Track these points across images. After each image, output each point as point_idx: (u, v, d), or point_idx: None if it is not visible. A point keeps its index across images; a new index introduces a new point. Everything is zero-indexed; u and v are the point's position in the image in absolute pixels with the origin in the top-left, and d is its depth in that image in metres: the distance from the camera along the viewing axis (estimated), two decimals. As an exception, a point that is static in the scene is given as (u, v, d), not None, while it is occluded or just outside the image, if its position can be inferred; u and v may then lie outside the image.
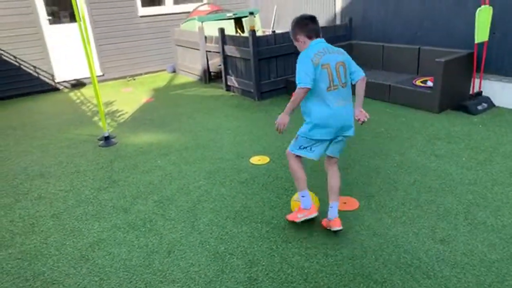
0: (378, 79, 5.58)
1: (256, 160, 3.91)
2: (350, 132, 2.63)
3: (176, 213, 3.05)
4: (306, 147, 2.62)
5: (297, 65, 2.47)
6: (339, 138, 2.61)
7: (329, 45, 2.54)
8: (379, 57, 6.12)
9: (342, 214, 2.88)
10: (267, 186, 3.38)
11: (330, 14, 7.55)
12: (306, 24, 2.52)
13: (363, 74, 2.64)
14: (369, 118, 2.76)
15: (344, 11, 7.19)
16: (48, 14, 7.20)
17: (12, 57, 6.95)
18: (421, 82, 5.25)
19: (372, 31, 6.69)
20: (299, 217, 2.65)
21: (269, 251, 2.54)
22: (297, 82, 2.43)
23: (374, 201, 3.04)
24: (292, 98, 2.49)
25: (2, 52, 6.84)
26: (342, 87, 2.51)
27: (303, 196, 2.66)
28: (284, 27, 8.53)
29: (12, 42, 6.88)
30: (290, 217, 2.75)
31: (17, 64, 7.03)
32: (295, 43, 2.61)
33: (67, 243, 2.75)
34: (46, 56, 7.27)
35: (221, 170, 3.72)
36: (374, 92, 5.55)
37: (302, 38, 2.52)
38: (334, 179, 2.73)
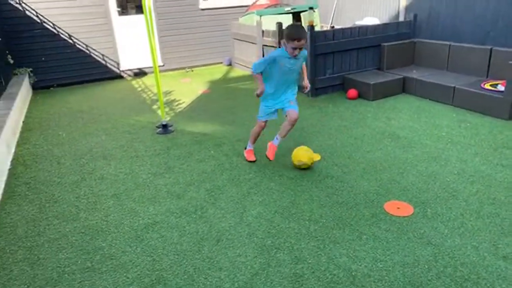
0: (442, 81, 5.27)
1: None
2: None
3: (226, 203, 3.13)
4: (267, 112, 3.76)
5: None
6: None
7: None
8: (445, 57, 5.76)
9: (395, 219, 2.78)
10: (317, 184, 3.34)
11: (393, 10, 7.22)
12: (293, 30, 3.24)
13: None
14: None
15: (409, 7, 6.85)
16: (118, 6, 7.64)
17: (84, 45, 7.49)
18: (491, 85, 4.87)
19: (439, 29, 6.31)
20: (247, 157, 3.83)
21: (316, 249, 2.52)
22: (254, 69, 3.44)
23: (430, 209, 2.90)
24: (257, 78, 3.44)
25: (76, 40, 7.40)
26: None
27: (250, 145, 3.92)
28: (344, 22, 8.31)
29: (85, 31, 7.41)
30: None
31: (88, 52, 7.57)
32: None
33: (125, 222, 2.94)
34: (114, 46, 7.74)
35: (270, 164, 3.75)
36: (437, 94, 5.26)
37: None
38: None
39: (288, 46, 3.22)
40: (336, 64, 5.95)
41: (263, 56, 7.16)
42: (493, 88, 4.77)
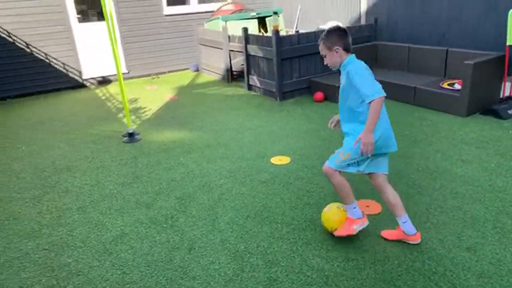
0: (403, 81, 5.47)
1: (276, 160, 3.90)
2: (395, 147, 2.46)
3: (197, 211, 3.08)
4: (353, 163, 2.43)
5: (359, 78, 2.26)
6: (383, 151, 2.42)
7: None
8: (405, 58, 5.99)
9: (364, 217, 2.83)
10: (287, 187, 3.37)
11: (354, 14, 7.45)
12: (345, 36, 2.35)
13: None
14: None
15: (369, 11, 7.08)
16: (78, 13, 7.40)
17: (42, 54, 7.19)
18: (448, 85, 5.11)
19: (398, 32, 6.56)
20: (355, 228, 2.48)
21: (289, 252, 2.53)
22: (369, 94, 2.20)
23: (397, 206, 2.98)
24: (373, 113, 2.22)
25: (33, 49, 7.08)
26: None
27: (354, 208, 2.52)
28: (308, 27, 8.47)
29: (43, 39, 7.11)
30: (342, 232, 2.51)
31: (47, 61, 7.26)
32: (327, 53, 2.38)
33: (92, 236, 2.82)
34: (75, 54, 7.48)
35: (241, 169, 3.74)
36: (398, 94, 5.44)
37: (340, 50, 2.33)
38: (391, 194, 2.51)
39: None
40: (302, 67, 6.05)
41: (230, 60, 7.16)
42: (450, 87, 5.01)
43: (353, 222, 2.50)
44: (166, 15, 8.19)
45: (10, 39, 6.85)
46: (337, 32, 2.35)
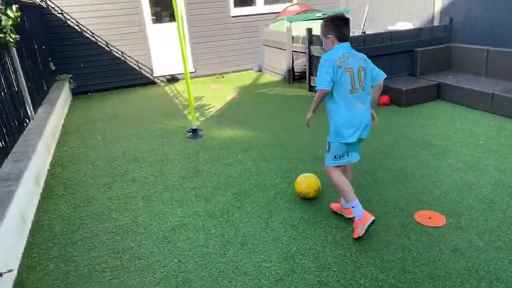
0: (480, 87, 5.05)
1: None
2: (365, 135, 2.67)
3: (252, 208, 3.14)
4: (342, 155, 2.68)
5: (319, 68, 2.57)
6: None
7: (353, 50, 2.61)
8: (482, 62, 5.52)
9: (425, 229, 2.68)
10: (344, 191, 3.28)
11: (427, 15, 7.03)
12: (340, 25, 2.57)
13: (383, 77, 2.69)
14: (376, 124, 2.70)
15: (444, 10, 6.64)
16: (152, 14, 7.91)
17: (119, 53, 7.80)
18: (534, 91, 4.61)
19: (476, 33, 6.07)
20: (360, 229, 2.58)
21: (342, 257, 2.47)
22: (317, 84, 2.57)
23: (464, 220, 2.77)
24: (314, 99, 2.69)
25: (112, 48, 7.71)
26: (362, 90, 2.58)
27: (353, 207, 2.61)
28: (376, 28, 8.17)
29: (121, 39, 7.72)
30: (356, 235, 2.61)
31: (123, 59, 7.87)
32: (323, 40, 2.66)
33: (153, 223, 3.01)
34: (148, 52, 8.01)
35: (298, 170, 3.72)
36: (474, 100, 5.05)
37: (332, 37, 2.59)
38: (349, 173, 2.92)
39: None
40: (367, 69, 5.84)
41: (292, 61, 7.16)
42: (535, 95, 4.52)
43: (357, 224, 2.62)
44: (233, 16, 8.42)
45: (93, 38, 7.53)
46: (335, 22, 2.58)
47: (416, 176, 3.46)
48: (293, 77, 7.34)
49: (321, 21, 7.20)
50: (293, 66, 7.22)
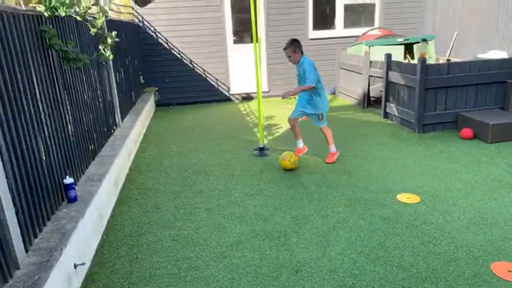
0: None
1: (404, 197, 3.61)
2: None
3: (310, 234, 3.09)
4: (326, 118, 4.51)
5: (311, 69, 4.22)
6: None
7: None
8: None
9: (504, 284, 2.39)
10: (412, 229, 3.08)
11: (527, 43, 6.38)
12: (301, 44, 4.30)
13: None
14: None
15: (548, 40, 5.97)
16: (234, 35, 8.34)
17: (201, 70, 8.33)
18: None
19: None
20: (336, 157, 4.59)
21: (401, 300, 2.31)
22: (312, 82, 4.19)
23: (553, 280, 2.41)
24: (303, 87, 4.28)
25: (195, 65, 8.27)
26: None
27: (332, 148, 4.61)
28: (465, 55, 7.62)
29: (204, 57, 8.25)
30: (329, 160, 4.55)
31: (204, 76, 8.38)
32: (292, 54, 4.29)
33: (213, 237, 3.12)
34: (226, 71, 8.43)
35: (362, 201, 3.59)
36: None
37: (299, 52, 4.28)
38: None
39: None
40: (450, 100, 5.47)
41: (368, 86, 6.99)
42: None
43: (332, 154, 4.62)
44: (311, 39, 8.51)
45: (179, 55, 8.16)
46: (297, 43, 4.28)
47: (497, 222, 3.11)
48: (368, 102, 7.14)
49: (401, 46, 7.00)
50: (369, 90, 7.03)
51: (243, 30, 8.47)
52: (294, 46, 4.23)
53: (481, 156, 4.54)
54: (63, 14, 2.91)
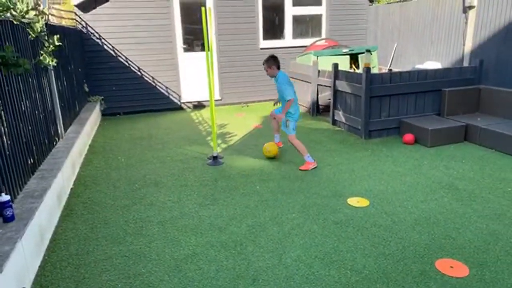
0: (510, 131, 4.89)
1: (354, 201, 3.74)
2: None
3: (266, 241, 3.08)
4: (295, 127, 4.76)
5: (285, 85, 4.63)
6: None
7: None
8: (514, 105, 5.37)
9: (447, 279, 2.55)
10: (362, 231, 3.19)
11: (457, 55, 6.98)
12: (278, 60, 4.76)
13: None
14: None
15: (474, 52, 6.58)
16: (184, 43, 8.23)
17: (150, 78, 8.10)
18: None
19: (507, 76, 5.95)
20: (311, 167, 4.61)
21: (355, 302, 2.37)
22: (289, 96, 4.57)
23: (488, 272, 2.62)
24: (286, 104, 4.60)
25: (143, 73, 8.03)
26: None
27: (308, 156, 4.65)
28: (404, 66, 8.16)
29: (153, 65, 8.04)
30: (303, 167, 4.62)
31: (153, 84, 8.16)
32: (267, 69, 4.75)
33: (166, 250, 3.01)
34: (177, 79, 8.28)
35: (315, 206, 3.66)
36: (504, 144, 4.88)
37: (275, 67, 4.72)
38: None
39: None
40: (393, 107, 5.80)
41: (317, 94, 7.22)
42: None
43: (308, 164, 4.62)
44: (262, 49, 8.63)
45: (126, 63, 7.88)
46: (275, 58, 4.74)
47: (439, 221, 3.33)
48: (317, 110, 7.36)
49: (347, 56, 7.33)
50: (317, 99, 7.26)
51: (194, 39, 8.40)
52: (269, 62, 4.69)
53: (422, 159, 4.85)
54: (-4, 17, 2.68)
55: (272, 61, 4.67)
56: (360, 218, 3.41)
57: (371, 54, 7.19)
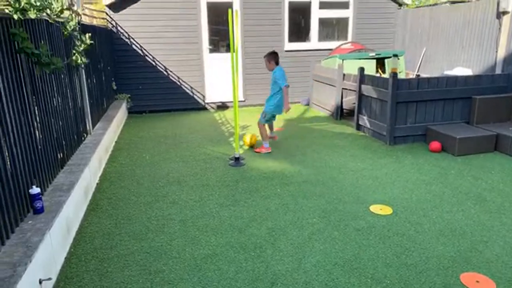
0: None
1: (377, 208, 3.68)
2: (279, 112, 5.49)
3: (285, 245, 3.07)
4: (269, 120, 5.51)
5: (278, 76, 5.14)
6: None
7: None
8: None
9: (471, 294, 2.46)
10: (384, 240, 3.13)
11: (488, 62, 6.75)
12: (277, 56, 5.26)
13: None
14: None
15: (507, 60, 6.34)
16: (209, 44, 8.32)
17: (176, 78, 8.24)
18: None
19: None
20: (264, 151, 5.33)
21: (375, 312, 2.33)
22: (285, 83, 5.11)
23: (517, 289, 2.52)
24: (284, 92, 5.15)
25: (170, 73, 8.17)
26: None
27: (266, 143, 5.37)
28: (432, 71, 7.96)
29: (179, 65, 8.17)
30: (257, 150, 5.42)
31: (178, 83, 8.29)
32: (266, 62, 5.28)
33: (187, 249, 3.04)
34: (202, 79, 8.38)
35: (337, 212, 3.62)
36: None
37: (273, 62, 5.22)
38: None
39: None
40: (419, 113, 5.67)
41: (342, 98, 7.14)
42: None
43: (263, 148, 5.36)
44: (287, 51, 8.62)
45: (153, 62, 8.04)
46: (274, 55, 5.23)
47: (465, 233, 3.22)
48: (341, 114, 7.28)
49: (373, 60, 7.22)
50: (342, 103, 7.18)
51: (219, 40, 8.48)
52: (269, 56, 5.22)
53: (449, 168, 4.71)
54: (33, 16, 2.80)
55: (272, 57, 5.18)
56: (383, 226, 3.35)
57: (398, 58, 7.06)
